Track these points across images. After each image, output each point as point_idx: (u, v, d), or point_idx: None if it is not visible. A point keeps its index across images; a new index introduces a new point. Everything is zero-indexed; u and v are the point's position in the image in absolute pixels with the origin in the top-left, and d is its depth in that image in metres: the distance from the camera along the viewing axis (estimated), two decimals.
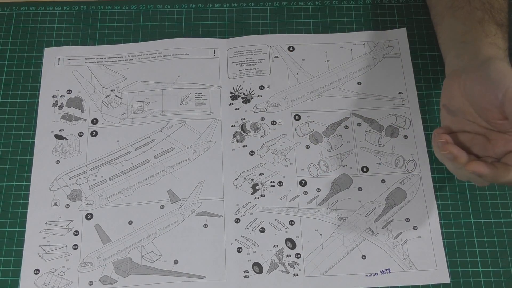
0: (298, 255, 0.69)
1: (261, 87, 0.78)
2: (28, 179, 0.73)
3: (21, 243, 0.70)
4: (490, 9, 0.68)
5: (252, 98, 0.78)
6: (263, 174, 0.73)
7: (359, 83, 0.78)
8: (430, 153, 0.74)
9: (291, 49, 0.81)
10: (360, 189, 0.73)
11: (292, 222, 0.71)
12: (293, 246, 0.70)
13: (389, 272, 0.69)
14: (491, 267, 0.69)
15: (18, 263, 0.69)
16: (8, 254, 0.70)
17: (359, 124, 0.76)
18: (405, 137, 0.75)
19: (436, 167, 0.74)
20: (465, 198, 0.72)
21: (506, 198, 0.72)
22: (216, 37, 0.82)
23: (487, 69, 0.60)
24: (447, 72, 0.68)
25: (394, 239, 0.70)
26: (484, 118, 0.62)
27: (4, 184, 0.74)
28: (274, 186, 0.73)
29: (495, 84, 0.59)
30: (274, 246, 0.70)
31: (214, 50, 0.81)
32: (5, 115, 0.77)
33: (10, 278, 0.69)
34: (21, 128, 0.76)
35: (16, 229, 0.71)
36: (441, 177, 0.73)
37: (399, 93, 0.77)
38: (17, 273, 0.69)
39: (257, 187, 0.73)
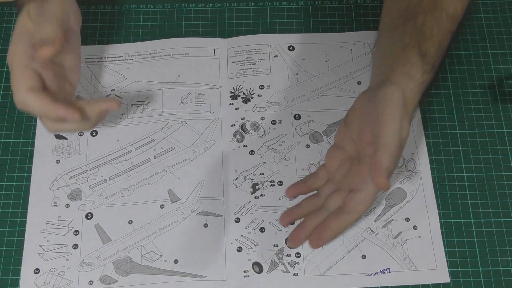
0: (298, 255, 0.69)
1: (261, 87, 0.78)
2: (28, 178, 0.73)
3: (21, 243, 0.70)
4: (419, 36, 0.63)
5: (252, 98, 0.78)
6: (263, 174, 0.73)
7: (359, 83, 0.78)
8: (430, 153, 0.74)
9: (291, 48, 0.81)
10: None
11: (292, 222, 0.71)
12: None
13: (389, 272, 0.69)
14: (491, 267, 0.69)
15: (18, 262, 0.69)
16: (8, 253, 0.70)
17: None
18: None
19: (436, 166, 0.74)
20: (465, 198, 0.72)
21: (506, 197, 0.72)
22: (216, 37, 0.82)
23: (379, 91, 0.59)
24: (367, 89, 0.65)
25: (394, 238, 0.70)
26: (360, 138, 0.61)
27: (4, 183, 0.74)
28: (274, 185, 0.73)
29: (376, 105, 0.58)
30: (274, 246, 0.70)
31: (214, 50, 0.81)
32: (5, 115, 0.77)
33: (10, 277, 0.69)
34: (21, 128, 0.76)
35: (16, 229, 0.71)
36: (441, 177, 0.73)
37: None
38: (17, 272, 0.69)
39: (257, 187, 0.73)
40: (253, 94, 0.78)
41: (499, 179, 0.73)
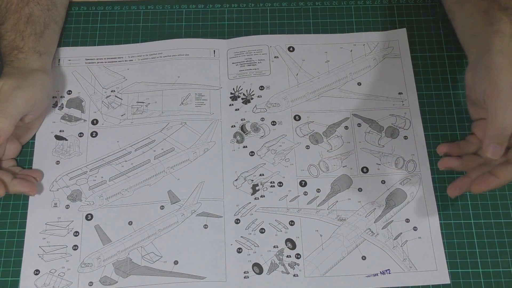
0: (298, 256, 0.69)
1: (261, 88, 0.78)
2: None
3: (21, 244, 0.70)
4: None
5: (252, 99, 0.78)
6: (263, 175, 0.73)
7: (359, 84, 0.78)
8: (430, 154, 0.74)
9: (291, 49, 0.81)
10: (360, 189, 0.73)
11: (292, 223, 0.71)
12: (293, 246, 0.70)
13: (389, 273, 0.68)
14: (491, 268, 0.69)
15: (18, 263, 0.69)
16: (8, 254, 0.70)
17: (359, 125, 0.76)
18: (405, 137, 0.75)
19: (436, 167, 0.73)
20: (465, 199, 0.72)
21: (506, 198, 0.72)
22: (216, 38, 0.82)
23: (482, 63, 0.64)
24: (468, 65, 0.70)
25: (394, 239, 0.70)
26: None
27: None
28: (274, 186, 0.73)
29: (481, 80, 0.63)
30: (274, 247, 0.70)
31: (214, 51, 0.81)
32: None
33: (10, 278, 0.69)
34: None
35: (16, 230, 0.71)
36: (441, 178, 0.73)
37: (399, 93, 0.77)
38: (17, 273, 0.69)
39: (257, 188, 0.73)
40: (253, 95, 0.78)
41: None
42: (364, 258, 0.69)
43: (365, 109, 0.77)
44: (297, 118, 0.77)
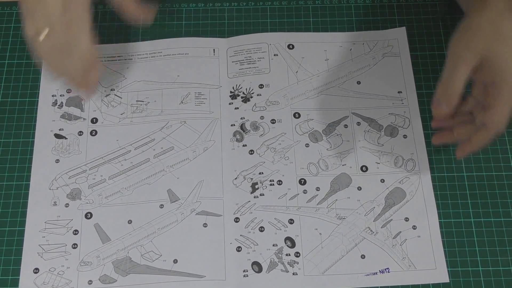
0: (297, 254, 0.69)
1: (261, 86, 0.78)
2: (28, 178, 0.73)
3: (20, 242, 0.70)
4: None
5: (251, 97, 0.78)
6: (262, 173, 0.73)
7: (358, 83, 0.78)
8: (430, 153, 0.74)
9: (290, 47, 0.81)
10: (359, 188, 0.73)
11: (291, 221, 0.71)
12: (293, 245, 0.70)
13: (388, 272, 0.69)
14: (491, 267, 0.69)
15: (18, 262, 0.69)
16: (8, 253, 0.70)
17: (358, 123, 0.76)
18: (405, 136, 0.75)
19: (436, 166, 0.74)
20: (465, 197, 0.72)
21: (506, 197, 0.73)
22: (216, 36, 0.82)
23: (476, 17, 0.65)
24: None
25: (393, 238, 0.70)
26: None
27: (4, 183, 0.74)
28: (273, 185, 0.73)
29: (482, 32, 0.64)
30: (273, 245, 0.70)
31: (214, 50, 0.81)
32: (5, 114, 0.77)
33: (10, 277, 0.69)
34: (21, 128, 0.76)
35: (16, 229, 0.71)
36: (441, 177, 0.73)
37: (399, 92, 0.77)
38: (16, 272, 0.69)
39: (256, 186, 0.73)
40: (252, 93, 0.78)
41: (499, 179, 0.73)
42: (363, 256, 0.69)
43: (365, 107, 0.77)
44: (296, 115, 0.77)
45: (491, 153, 0.75)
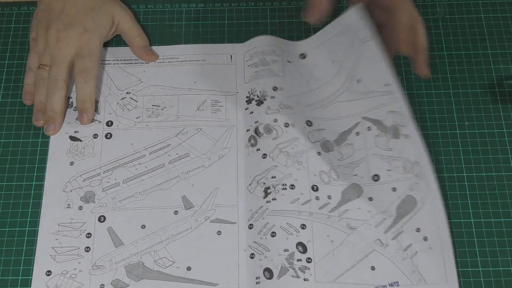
0: (309, 260, 0.69)
1: (275, 88, 0.77)
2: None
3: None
4: None
5: (265, 99, 0.77)
6: (275, 177, 0.73)
7: (358, 81, 0.77)
8: (430, 153, 0.72)
9: (302, 56, 0.80)
10: (370, 199, 0.72)
11: (303, 226, 0.70)
12: (304, 250, 0.69)
13: (398, 285, 0.68)
14: (491, 267, 0.69)
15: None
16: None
17: (369, 128, 0.75)
18: (406, 136, 0.73)
19: (436, 166, 0.73)
20: (465, 198, 0.73)
21: (506, 197, 0.73)
22: (216, 36, 0.81)
23: None
24: None
25: (403, 251, 0.69)
26: None
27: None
28: (286, 189, 0.72)
29: None
30: (284, 250, 0.69)
31: (231, 56, 0.81)
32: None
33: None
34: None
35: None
36: (441, 177, 0.73)
37: (385, 85, 0.75)
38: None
39: (269, 191, 0.72)
40: (266, 96, 0.77)
41: (499, 179, 0.74)
42: (373, 268, 0.69)
43: (370, 109, 0.75)
44: (309, 123, 0.76)
45: (491, 153, 0.75)
